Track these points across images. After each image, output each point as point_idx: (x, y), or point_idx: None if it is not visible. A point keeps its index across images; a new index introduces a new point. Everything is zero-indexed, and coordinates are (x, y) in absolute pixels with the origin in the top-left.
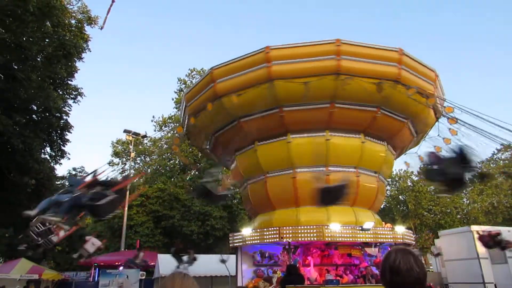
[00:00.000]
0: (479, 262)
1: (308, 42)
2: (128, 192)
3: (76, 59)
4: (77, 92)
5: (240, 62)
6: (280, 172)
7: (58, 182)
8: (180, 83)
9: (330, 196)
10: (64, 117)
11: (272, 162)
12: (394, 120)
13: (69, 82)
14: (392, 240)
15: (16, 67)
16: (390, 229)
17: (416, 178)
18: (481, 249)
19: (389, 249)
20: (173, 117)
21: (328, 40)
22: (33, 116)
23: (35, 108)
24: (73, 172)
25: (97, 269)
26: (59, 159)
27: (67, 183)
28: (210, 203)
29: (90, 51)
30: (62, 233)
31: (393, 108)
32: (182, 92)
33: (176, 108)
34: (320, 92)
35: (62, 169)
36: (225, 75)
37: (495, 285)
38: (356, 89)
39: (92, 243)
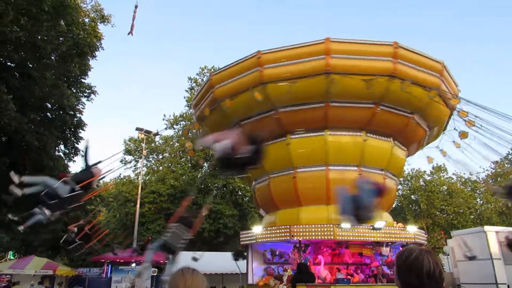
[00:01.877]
0: (492, 262)
1: (366, 40)
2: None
3: (89, 58)
4: (90, 90)
5: (295, 51)
6: (313, 168)
7: None
8: (191, 81)
9: None
10: (78, 115)
11: (306, 157)
12: (420, 128)
13: (83, 80)
14: (403, 239)
15: (31, 65)
16: (402, 228)
17: (429, 177)
18: (494, 249)
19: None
20: (184, 115)
21: (386, 41)
22: (48, 114)
23: (49, 106)
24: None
25: (109, 265)
26: (73, 157)
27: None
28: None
29: (103, 49)
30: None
31: (425, 117)
32: (193, 91)
33: (188, 106)
34: (371, 92)
35: (75, 166)
36: (275, 62)
37: (508, 286)
38: (403, 93)
39: None
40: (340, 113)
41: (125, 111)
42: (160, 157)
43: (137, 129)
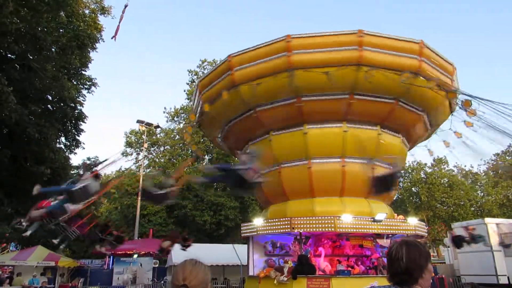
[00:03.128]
0: (492, 254)
1: (329, 32)
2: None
3: (89, 49)
4: (91, 82)
5: (259, 50)
6: (295, 162)
7: (73, 172)
8: (192, 74)
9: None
10: (79, 107)
11: (287, 152)
12: (411, 112)
13: (83, 72)
14: (404, 231)
15: (31, 57)
16: (402, 220)
17: (430, 170)
18: (494, 241)
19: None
20: (185, 108)
21: (350, 30)
22: (48, 106)
23: (50, 98)
24: (88, 162)
25: (111, 257)
26: (74, 149)
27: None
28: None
29: (104, 41)
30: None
31: (411, 100)
32: (194, 83)
33: (188, 99)
34: (340, 83)
35: (76, 158)
36: (243, 63)
37: (508, 277)
38: (376, 81)
39: None
40: (314, 107)
41: (126, 104)
42: (162, 149)
43: (138, 121)
